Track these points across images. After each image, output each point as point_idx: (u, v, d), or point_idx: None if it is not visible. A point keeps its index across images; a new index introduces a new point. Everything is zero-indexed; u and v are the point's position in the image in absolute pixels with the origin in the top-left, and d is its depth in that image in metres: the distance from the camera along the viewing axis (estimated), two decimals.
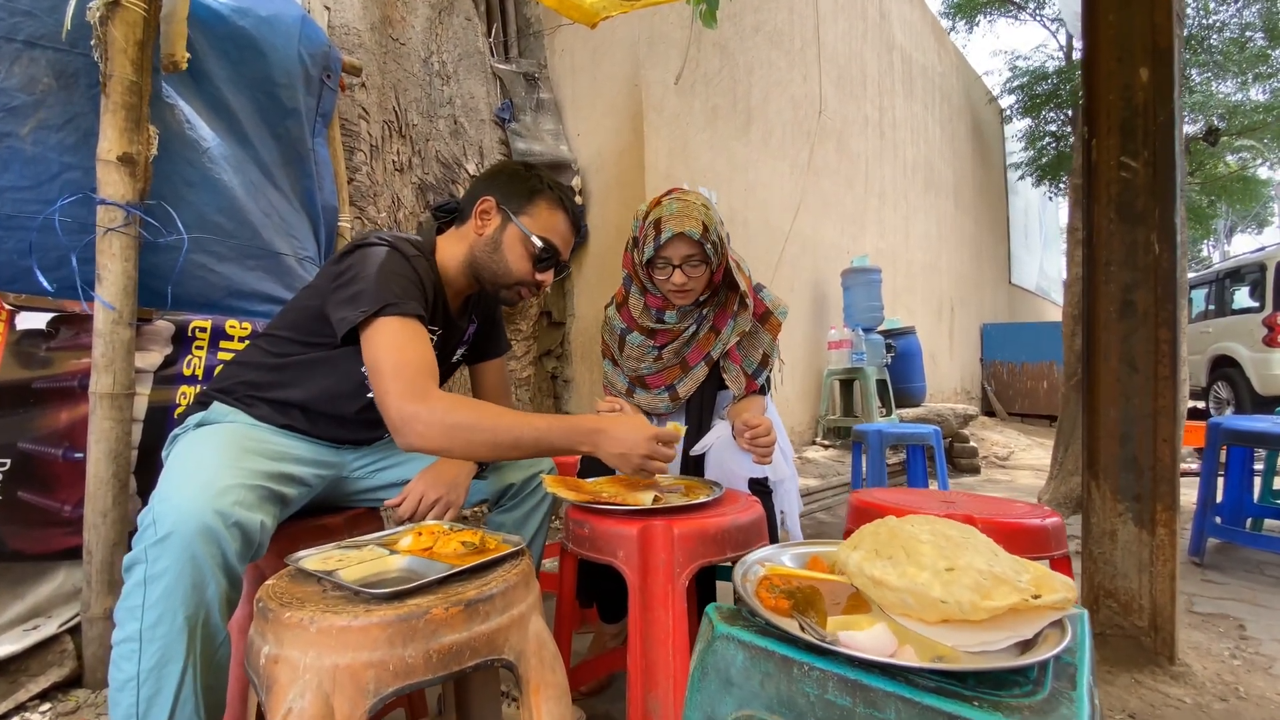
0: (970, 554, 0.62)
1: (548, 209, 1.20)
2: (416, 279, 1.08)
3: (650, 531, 0.98)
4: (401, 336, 0.99)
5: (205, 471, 0.88)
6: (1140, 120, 1.68)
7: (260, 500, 0.91)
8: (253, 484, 0.90)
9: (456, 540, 0.86)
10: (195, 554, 0.79)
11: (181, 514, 0.80)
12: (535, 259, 1.18)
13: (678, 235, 1.31)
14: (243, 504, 0.86)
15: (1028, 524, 1.08)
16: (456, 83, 3.32)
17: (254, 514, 0.87)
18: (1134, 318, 1.68)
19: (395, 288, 1.02)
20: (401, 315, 1.00)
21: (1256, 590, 2.11)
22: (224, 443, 0.97)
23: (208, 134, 1.69)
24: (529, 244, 1.18)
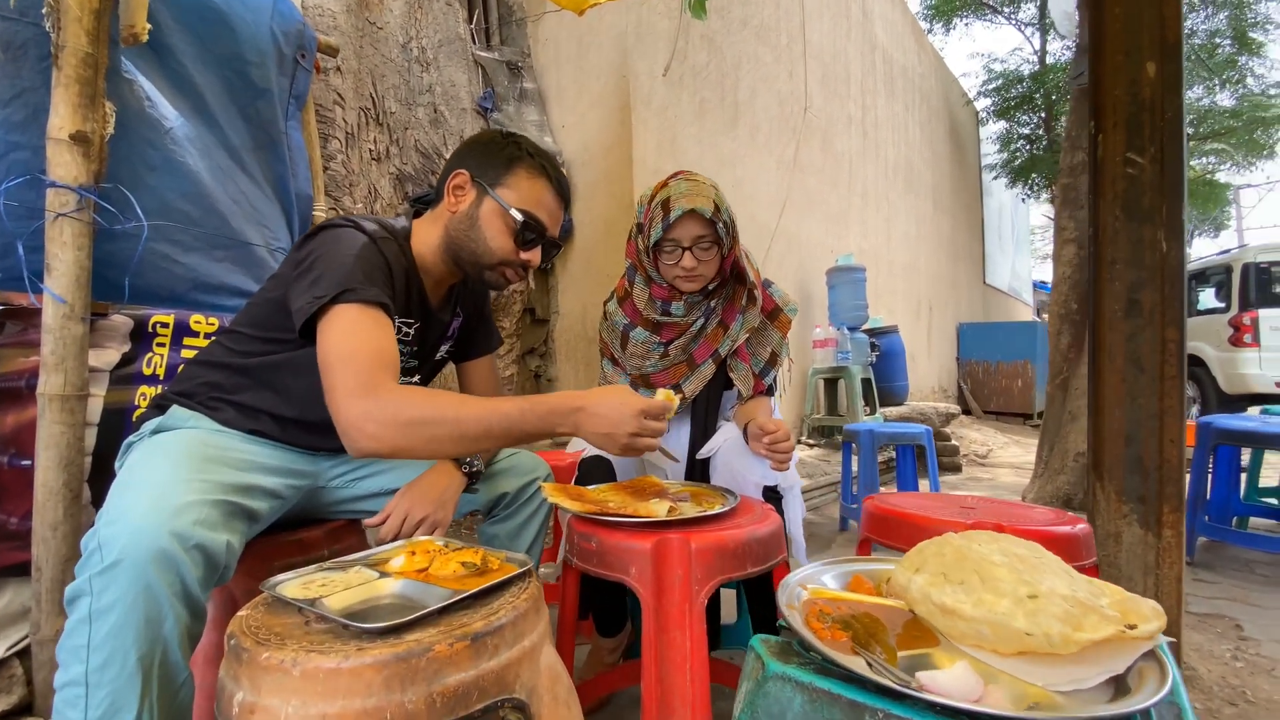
0: (1050, 577, 0.56)
1: (528, 178, 1.07)
2: (382, 263, 0.98)
3: (665, 546, 0.90)
4: (357, 325, 0.88)
5: (160, 486, 0.77)
6: (1147, 115, 1.65)
7: (225, 517, 0.80)
8: (216, 499, 0.79)
9: (455, 560, 0.77)
10: (149, 583, 0.69)
11: (132, 537, 0.69)
12: (517, 235, 1.06)
13: (688, 214, 1.23)
14: (205, 522, 0.75)
15: (1058, 532, 1.02)
16: (437, 70, 3.20)
17: (218, 534, 0.77)
18: (1140, 317, 1.65)
19: (357, 272, 0.91)
20: (361, 302, 0.89)
21: (1249, 589, 2.12)
22: (183, 452, 0.86)
23: (170, 113, 1.56)
24: (508, 218, 1.05)
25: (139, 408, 1.47)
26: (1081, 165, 3.13)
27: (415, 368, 1.18)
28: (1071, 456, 3.10)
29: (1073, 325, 3.21)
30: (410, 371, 1.17)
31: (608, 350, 1.49)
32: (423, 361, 1.20)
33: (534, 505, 1.22)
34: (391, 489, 1.13)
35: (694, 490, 1.16)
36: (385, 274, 0.97)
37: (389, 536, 0.99)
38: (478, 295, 1.30)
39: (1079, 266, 3.19)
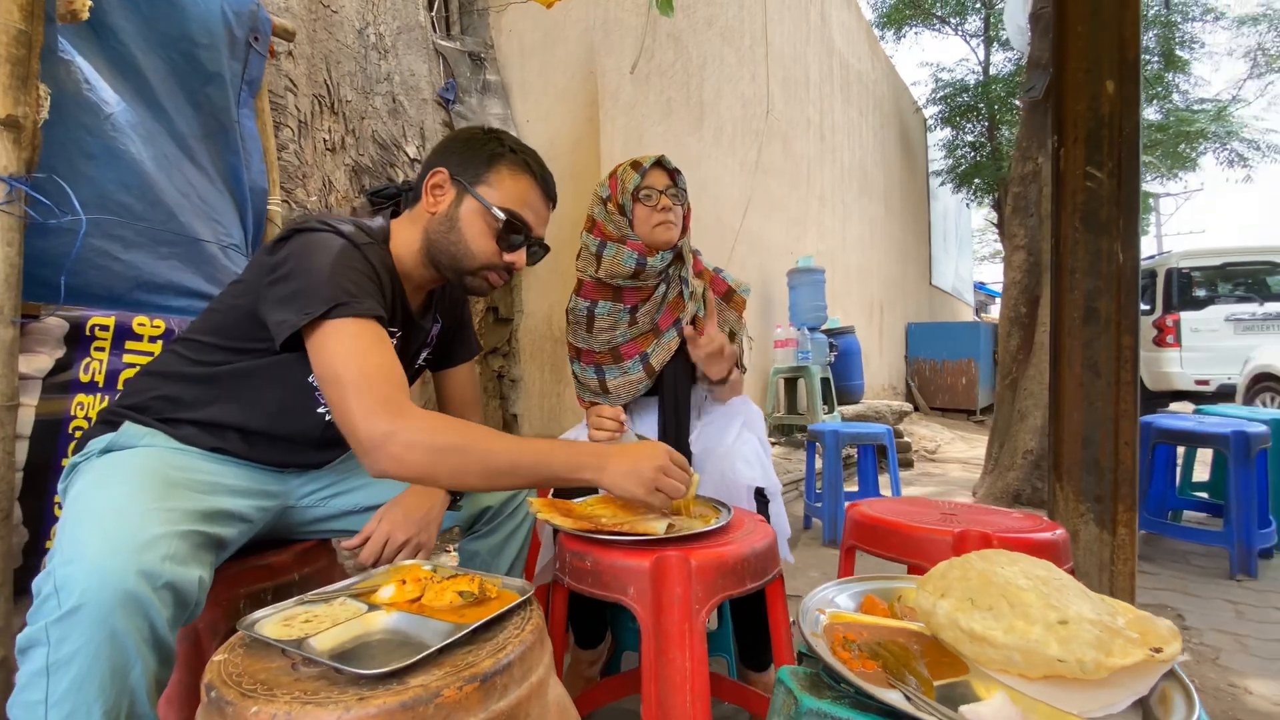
0: (1075, 600, 0.56)
1: (511, 175, 1.01)
2: (371, 271, 0.92)
3: (664, 564, 0.87)
4: (361, 342, 0.83)
5: (121, 517, 0.69)
6: (1106, 131, 1.72)
7: (195, 549, 0.73)
8: (184, 529, 0.72)
9: (450, 590, 0.73)
10: (115, 630, 0.62)
11: (94, 578, 0.62)
12: (499, 236, 1.00)
13: (657, 163, 1.37)
14: (175, 557, 0.69)
15: (1040, 539, 1.05)
16: (395, 58, 3.07)
17: (189, 569, 0.70)
18: (1097, 324, 1.72)
19: (347, 283, 0.85)
20: (357, 316, 0.84)
21: (1187, 580, 2.25)
22: (142, 475, 0.78)
23: (111, 97, 1.43)
24: (490, 218, 0.99)
25: (75, 418, 1.35)
26: (1032, 174, 3.27)
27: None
28: (1020, 454, 3.23)
29: (1022, 328, 3.35)
30: None
31: (572, 349, 1.51)
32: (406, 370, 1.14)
33: (516, 520, 1.17)
34: (367, 506, 1.07)
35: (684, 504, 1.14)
36: (374, 282, 0.92)
37: (369, 561, 0.93)
38: (457, 300, 1.24)
39: (1028, 272, 3.33)
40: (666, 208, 1.34)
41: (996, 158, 9.43)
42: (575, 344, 1.48)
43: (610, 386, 1.44)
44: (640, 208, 1.36)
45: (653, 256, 1.36)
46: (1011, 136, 9.54)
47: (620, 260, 1.36)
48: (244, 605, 0.95)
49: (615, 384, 1.44)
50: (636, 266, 1.36)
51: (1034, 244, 3.26)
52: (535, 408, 3.40)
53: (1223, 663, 1.67)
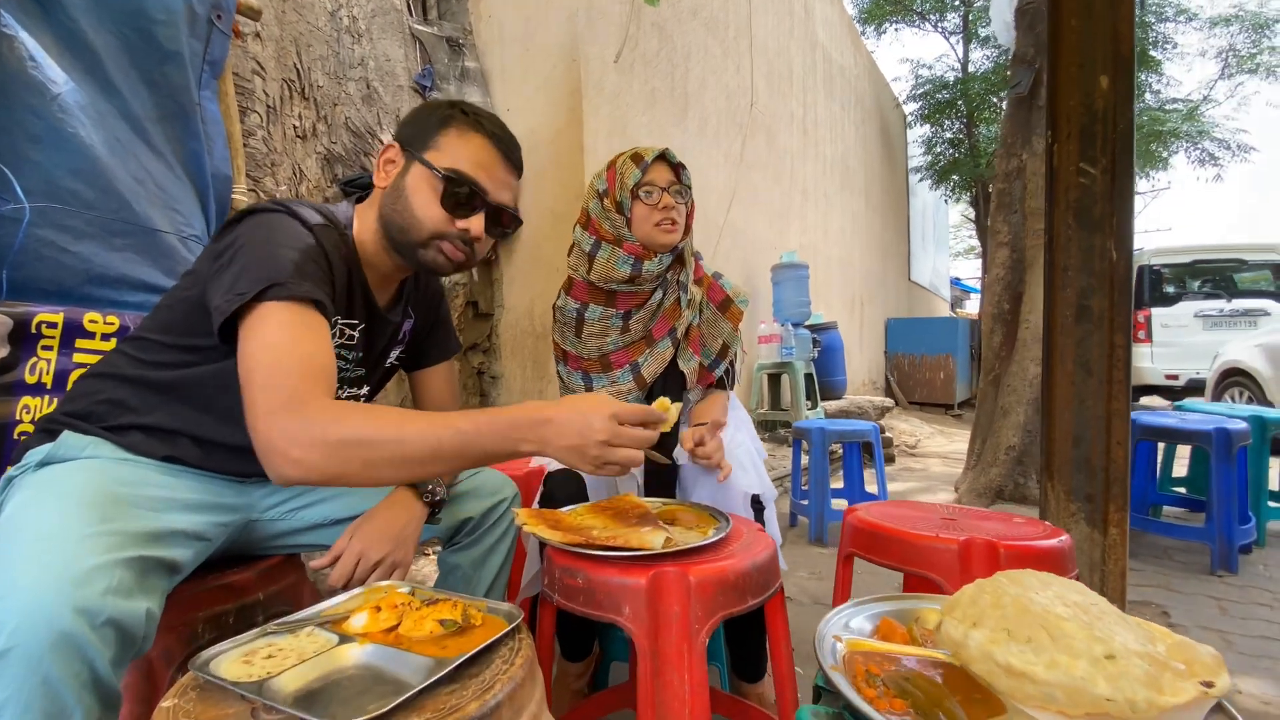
0: (1118, 629, 0.52)
1: (458, 135, 0.92)
2: (319, 253, 0.84)
3: (661, 581, 0.82)
4: (288, 331, 0.75)
5: (57, 544, 0.61)
6: (1100, 127, 1.70)
7: (141, 577, 0.66)
8: (129, 556, 0.65)
9: (430, 618, 0.66)
10: (49, 676, 0.54)
11: (25, 618, 0.54)
12: (444, 198, 0.91)
13: (660, 158, 1.28)
14: (118, 589, 0.61)
15: (1047, 546, 1.02)
16: (370, 42, 2.96)
17: (134, 601, 0.62)
18: (1089, 322, 1.70)
19: (286, 264, 0.78)
20: (291, 300, 0.76)
21: (1170, 576, 2.26)
22: (82, 493, 0.70)
23: (59, 76, 1.33)
24: (433, 180, 0.91)
25: (20, 422, 1.26)
26: (1016, 170, 3.27)
27: (363, 376, 1.04)
28: (1003, 450, 3.24)
29: (1005, 324, 3.36)
30: (357, 381, 1.03)
31: (559, 350, 1.43)
32: (370, 369, 1.06)
33: (500, 530, 1.10)
34: (339, 519, 0.99)
35: (677, 509, 1.09)
36: (323, 266, 0.84)
37: (339, 584, 0.86)
38: (432, 293, 1.17)
39: (1011, 268, 3.34)
40: (669, 206, 1.25)
41: (974, 155, 9.52)
42: (562, 345, 1.41)
43: (595, 390, 1.38)
44: (640, 205, 1.27)
45: (650, 260, 1.27)
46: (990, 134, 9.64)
47: (614, 264, 1.28)
48: (202, 629, 0.87)
49: (602, 392, 1.37)
50: (632, 272, 1.28)
51: (1018, 240, 3.27)
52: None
53: None
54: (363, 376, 1.04)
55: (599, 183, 1.33)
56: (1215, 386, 5.62)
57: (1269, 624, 1.88)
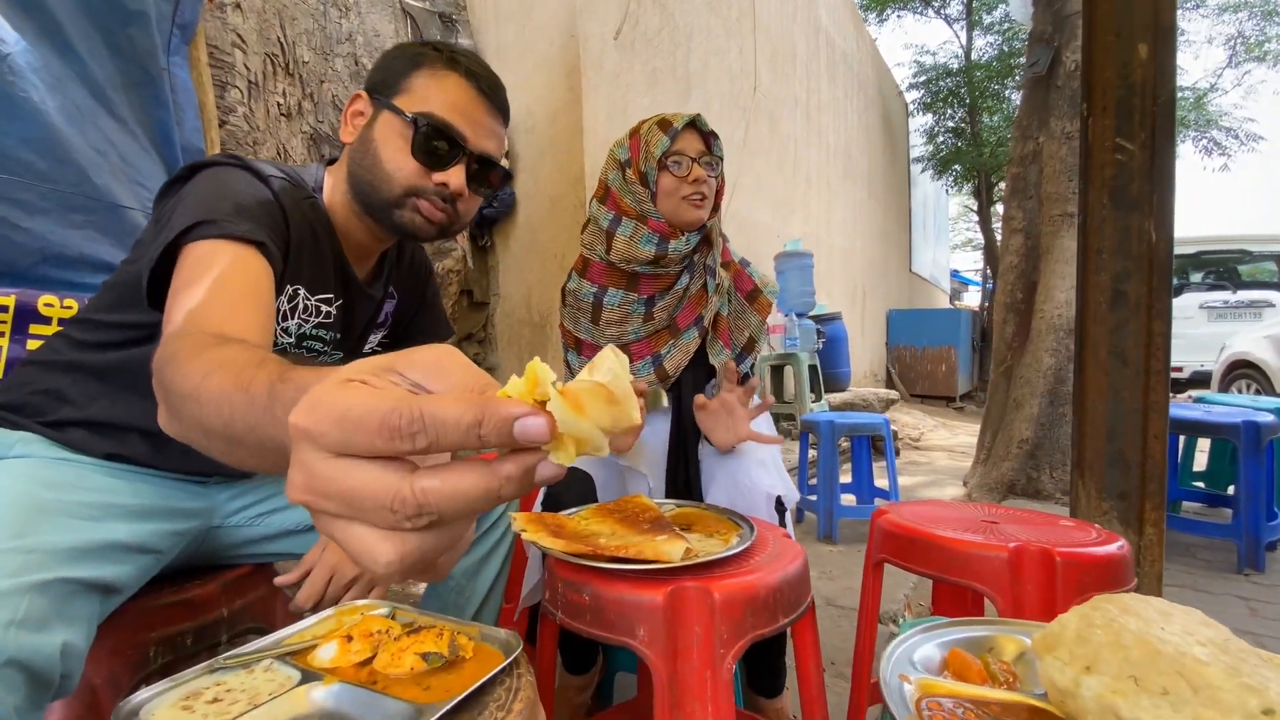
0: (1271, 675, 0.41)
1: (431, 76, 0.81)
2: (274, 207, 0.73)
3: (681, 598, 0.71)
4: (202, 262, 0.61)
5: None
6: (1138, 100, 1.59)
7: (60, 604, 0.55)
8: (45, 579, 0.54)
9: (411, 651, 0.55)
10: None
11: None
12: (416, 147, 0.79)
13: (690, 125, 1.15)
14: (25, 621, 0.50)
15: (1106, 554, 0.91)
16: (358, 16, 2.82)
17: (46, 635, 0.52)
18: (1125, 308, 1.60)
19: (224, 205, 0.67)
20: (224, 238, 0.63)
21: (1194, 575, 2.17)
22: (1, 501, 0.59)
23: (8, 35, 1.21)
24: (403, 127, 0.79)
25: None
26: (1032, 154, 3.15)
27: (340, 361, 0.93)
28: (1015, 444, 3.15)
29: (1018, 314, 3.25)
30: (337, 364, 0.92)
31: (570, 338, 1.29)
32: (349, 353, 0.95)
33: (496, 535, 1.00)
34: (312, 524, 0.88)
35: (692, 513, 0.98)
36: (276, 219, 0.73)
37: (308, 604, 0.75)
38: (417, 271, 1.05)
39: (1025, 256, 3.23)
40: (699, 179, 1.13)
41: (977, 144, 9.39)
42: (575, 333, 1.27)
43: None
44: (667, 177, 1.14)
45: (676, 239, 1.15)
46: (992, 124, 9.51)
47: (637, 242, 1.15)
48: (155, 653, 0.76)
49: None
50: (656, 251, 1.15)
51: (1033, 227, 3.16)
52: None
53: None
54: (340, 361, 0.92)
55: (620, 151, 1.20)
56: (1222, 379, 5.54)
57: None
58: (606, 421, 0.30)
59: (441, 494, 0.27)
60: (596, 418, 0.30)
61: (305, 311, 0.83)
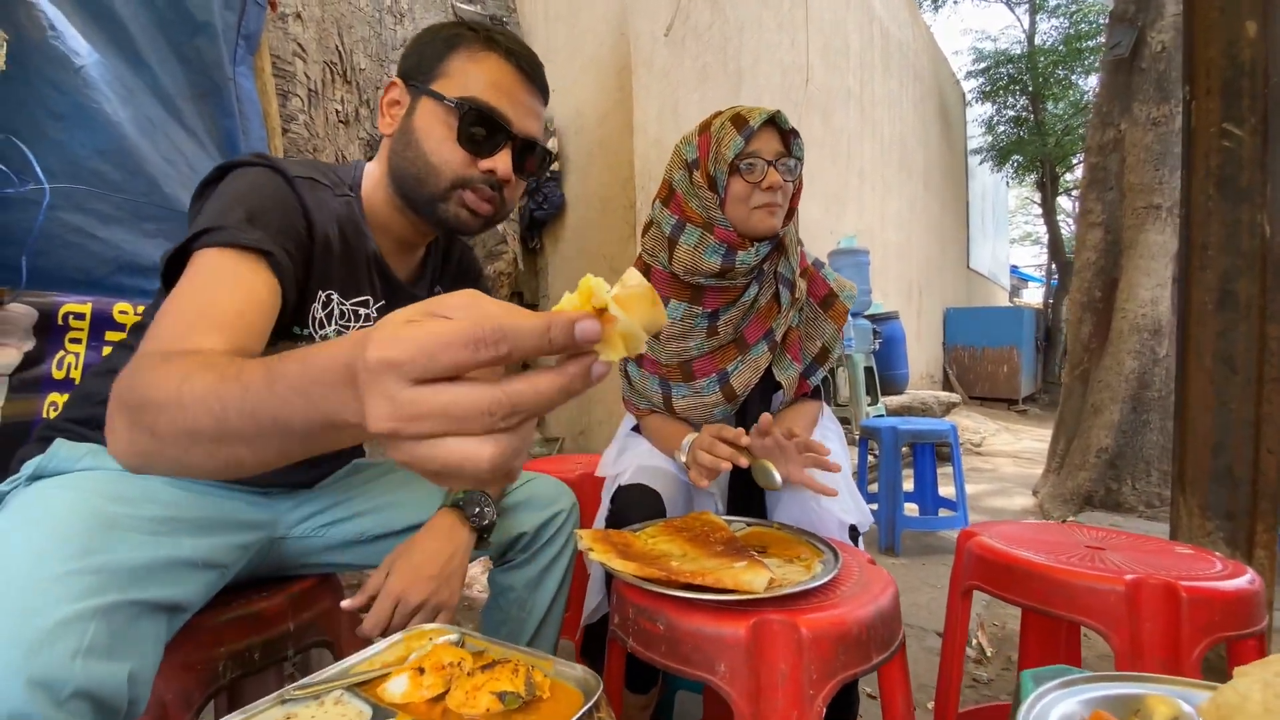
0: None
1: (470, 58, 0.77)
2: (293, 207, 0.71)
3: (766, 633, 0.65)
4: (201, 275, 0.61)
5: (16, 594, 0.49)
6: (1247, 81, 1.44)
7: (127, 627, 0.53)
8: (110, 601, 0.52)
9: (486, 690, 0.52)
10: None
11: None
12: (462, 134, 0.75)
13: (769, 123, 1.03)
14: (91, 649, 0.48)
15: (1237, 589, 0.81)
16: (412, 22, 2.85)
17: (114, 663, 0.49)
18: (1235, 310, 1.45)
19: (236, 210, 0.65)
20: (226, 246, 0.62)
21: None
22: (64, 518, 0.57)
23: (83, 48, 1.24)
24: (446, 114, 0.75)
25: (47, 419, 1.17)
26: (1112, 143, 2.95)
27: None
28: (1093, 452, 2.95)
29: (1095, 314, 3.05)
30: None
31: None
32: None
33: (557, 546, 0.96)
34: (378, 534, 0.87)
35: (766, 533, 0.92)
36: (292, 221, 0.71)
37: (375, 633, 0.72)
38: (466, 269, 1.00)
39: (1105, 252, 3.02)
40: (774, 186, 1.01)
41: (1040, 133, 8.95)
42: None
43: (678, 407, 1.16)
44: (738, 182, 1.03)
45: (745, 250, 1.05)
46: (1058, 111, 9.05)
47: (702, 253, 1.06)
48: (224, 667, 0.75)
49: (683, 404, 1.16)
50: (723, 264, 1.05)
51: (1113, 220, 2.95)
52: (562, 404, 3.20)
53: None
54: None
55: (687, 150, 1.09)
56: None
57: None
58: (649, 320, 0.37)
59: (526, 394, 0.33)
60: (640, 317, 0.37)
61: (343, 317, 0.80)
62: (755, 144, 1.02)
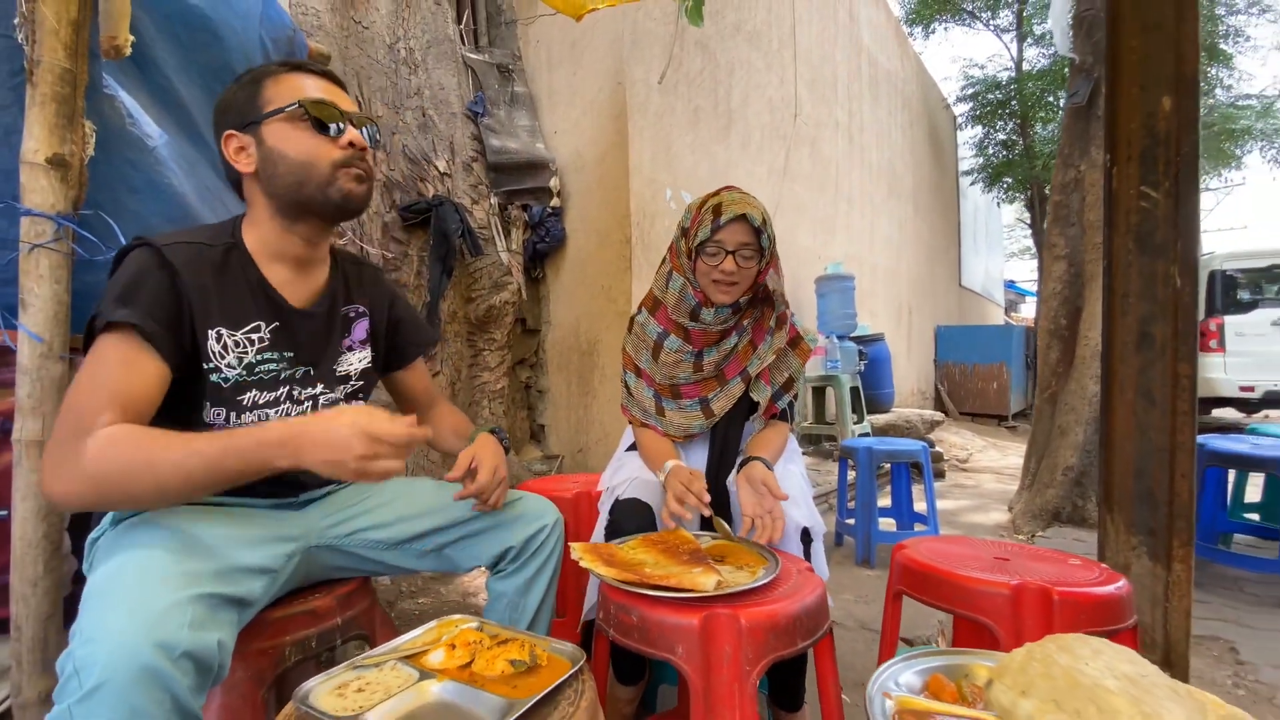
0: (1169, 705, 0.53)
1: (276, 83, 0.95)
2: (154, 274, 0.86)
3: (714, 623, 0.85)
4: (91, 361, 0.82)
5: (136, 590, 0.69)
6: (1162, 150, 1.65)
7: (213, 612, 0.73)
8: (200, 593, 0.72)
9: (502, 658, 0.72)
10: (136, 706, 0.62)
11: (112, 656, 0.62)
12: (315, 124, 0.94)
13: (738, 219, 1.24)
14: (192, 624, 0.68)
15: (1104, 594, 1.01)
16: (425, 72, 3.09)
17: (208, 633, 0.69)
18: (1152, 350, 1.65)
19: (112, 294, 0.84)
20: (107, 330, 0.82)
21: (1239, 609, 2.16)
22: (155, 542, 0.78)
23: (154, 130, 1.45)
24: (290, 119, 0.93)
25: None
26: (1073, 183, 3.17)
27: (310, 375, 1.02)
28: (1060, 471, 3.14)
29: (1062, 341, 3.26)
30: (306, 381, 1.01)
31: (631, 363, 1.47)
32: (320, 368, 1.03)
33: (544, 556, 1.12)
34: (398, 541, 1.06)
35: (726, 547, 1.12)
36: (153, 285, 0.86)
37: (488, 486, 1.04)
38: (379, 284, 1.16)
39: (1069, 283, 3.23)
40: (728, 271, 1.25)
41: (1029, 156, 9.20)
42: (636, 361, 1.45)
43: (667, 415, 1.43)
44: (703, 261, 1.28)
45: (708, 310, 1.31)
46: (1045, 134, 9.30)
47: (682, 299, 1.33)
48: (289, 652, 0.95)
49: (671, 415, 1.42)
50: (691, 314, 1.33)
51: (1075, 254, 3.16)
52: (562, 419, 3.40)
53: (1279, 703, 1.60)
54: (310, 375, 1.02)
55: (685, 218, 1.35)
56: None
57: None
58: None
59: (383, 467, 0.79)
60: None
61: (238, 346, 0.94)
62: (722, 234, 1.25)
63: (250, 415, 0.95)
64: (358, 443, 0.78)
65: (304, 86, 0.96)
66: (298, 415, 1.00)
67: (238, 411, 0.94)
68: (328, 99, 0.96)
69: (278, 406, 0.98)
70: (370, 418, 0.81)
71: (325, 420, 0.81)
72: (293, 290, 1.01)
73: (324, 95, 0.96)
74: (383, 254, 2.79)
